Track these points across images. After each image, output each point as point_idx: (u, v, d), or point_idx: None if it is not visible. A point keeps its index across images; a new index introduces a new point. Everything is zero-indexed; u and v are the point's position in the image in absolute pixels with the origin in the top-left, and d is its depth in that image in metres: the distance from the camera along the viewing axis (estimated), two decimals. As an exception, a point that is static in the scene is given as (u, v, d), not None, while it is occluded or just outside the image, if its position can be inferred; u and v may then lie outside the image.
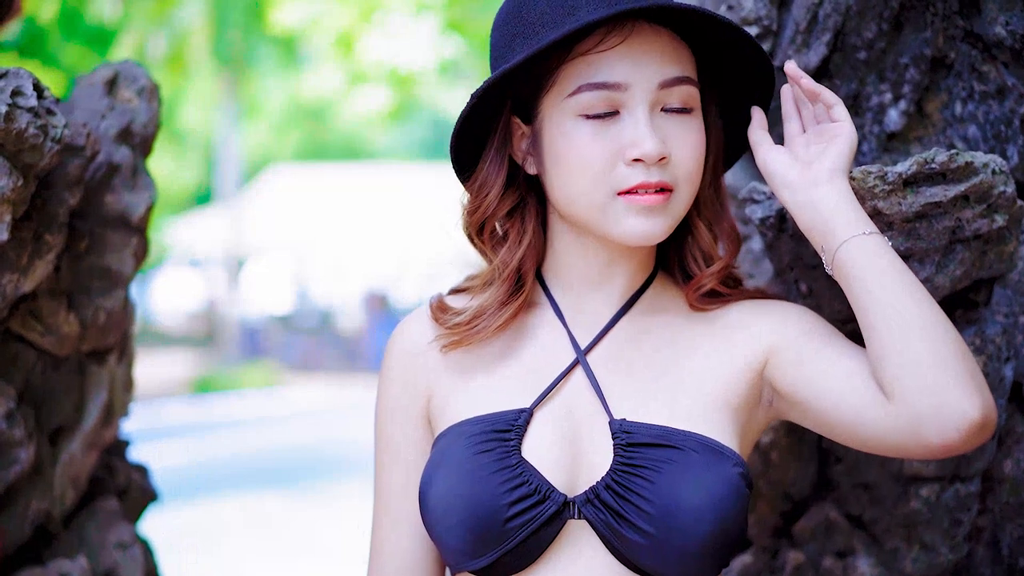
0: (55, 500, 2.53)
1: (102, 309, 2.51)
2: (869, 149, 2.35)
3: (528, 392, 1.94)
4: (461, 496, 1.84)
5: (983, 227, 2.10)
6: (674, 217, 1.91)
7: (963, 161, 2.03)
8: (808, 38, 2.32)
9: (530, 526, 1.82)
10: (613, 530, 1.82)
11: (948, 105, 2.32)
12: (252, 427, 16.00)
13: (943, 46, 2.30)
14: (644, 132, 1.85)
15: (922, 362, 1.74)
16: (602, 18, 1.79)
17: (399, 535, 2.03)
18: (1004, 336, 2.22)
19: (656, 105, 1.88)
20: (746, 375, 1.94)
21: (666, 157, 1.86)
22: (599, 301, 2.01)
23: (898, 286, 1.80)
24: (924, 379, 1.73)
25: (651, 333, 1.99)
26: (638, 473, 1.82)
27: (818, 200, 1.88)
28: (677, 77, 1.87)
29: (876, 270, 1.81)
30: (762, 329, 1.95)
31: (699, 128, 1.92)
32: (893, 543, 2.36)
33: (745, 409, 1.94)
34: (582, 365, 1.95)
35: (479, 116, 1.94)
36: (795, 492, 2.49)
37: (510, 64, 1.84)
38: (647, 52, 1.86)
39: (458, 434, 1.91)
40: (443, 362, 2.01)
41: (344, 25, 17.94)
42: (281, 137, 30.53)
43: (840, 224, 1.86)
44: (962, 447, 1.73)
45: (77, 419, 2.57)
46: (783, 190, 1.92)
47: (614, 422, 1.88)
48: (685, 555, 1.80)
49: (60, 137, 2.19)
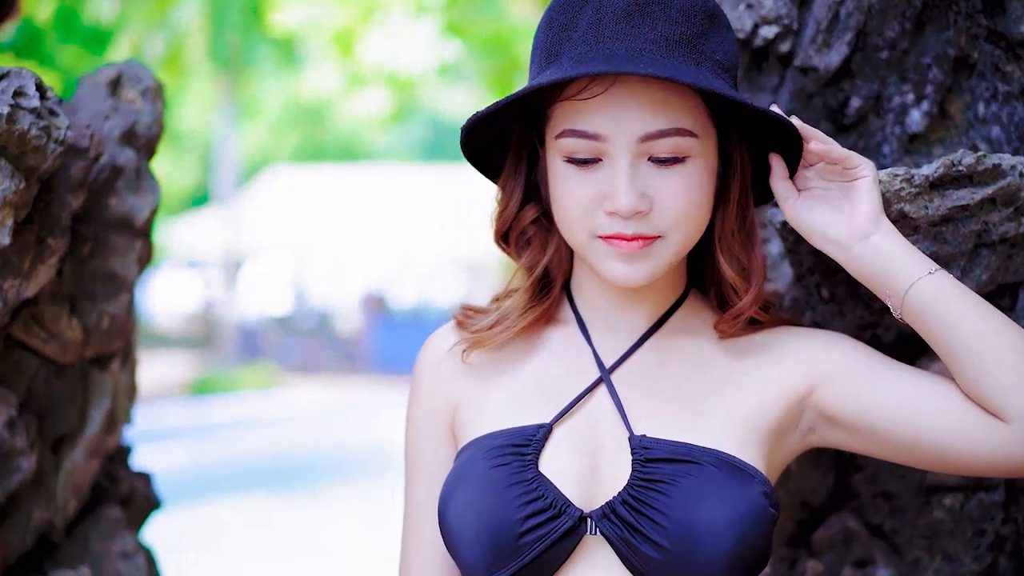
0: (57, 509, 2.48)
1: (106, 314, 2.46)
2: (891, 151, 2.31)
3: (550, 408, 1.91)
4: (477, 510, 1.82)
5: (1010, 231, 2.06)
6: (662, 261, 1.87)
7: (990, 163, 1.99)
8: (829, 37, 2.28)
9: (545, 541, 1.80)
10: (630, 545, 1.79)
11: (971, 106, 2.28)
12: (250, 429, 15.98)
13: (966, 45, 2.26)
14: (618, 186, 1.81)
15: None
16: (557, 80, 1.75)
17: (426, 551, 2.01)
18: (1030, 342, 2.18)
19: (641, 156, 1.82)
20: (782, 400, 1.91)
21: (644, 211, 1.82)
22: (626, 320, 1.98)
23: (981, 312, 1.81)
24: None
25: (680, 354, 1.96)
26: (655, 488, 1.79)
27: (873, 251, 1.86)
28: (661, 130, 1.81)
29: (957, 304, 1.82)
30: (806, 355, 1.93)
31: (694, 174, 1.84)
32: (914, 553, 2.33)
33: (777, 434, 1.91)
34: (605, 383, 1.92)
35: (505, 120, 1.93)
36: (814, 501, 2.45)
37: (496, 105, 1.84)
38: (629, 105, 1.80)
39: (477, 448, 1.90)
40: (468, 377, 2.00)
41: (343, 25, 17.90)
42: (279, 138, 30.55)
43: (902, 270, 1.84)
44: None
45: (80, 427, 2.53)
46: (829, 247, 1.90)
47: (634, 437, 1.85)
48: (702, 573, 1.76)
49: (63, 139, 2.14)
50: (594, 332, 1.98)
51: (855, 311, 2.15)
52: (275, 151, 30.96)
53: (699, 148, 1.84)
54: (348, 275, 29.27)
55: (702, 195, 1.86)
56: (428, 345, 2.07)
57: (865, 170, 1.87)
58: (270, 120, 28.73)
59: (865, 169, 1.88)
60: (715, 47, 1.84)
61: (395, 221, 26.37)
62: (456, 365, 2.02)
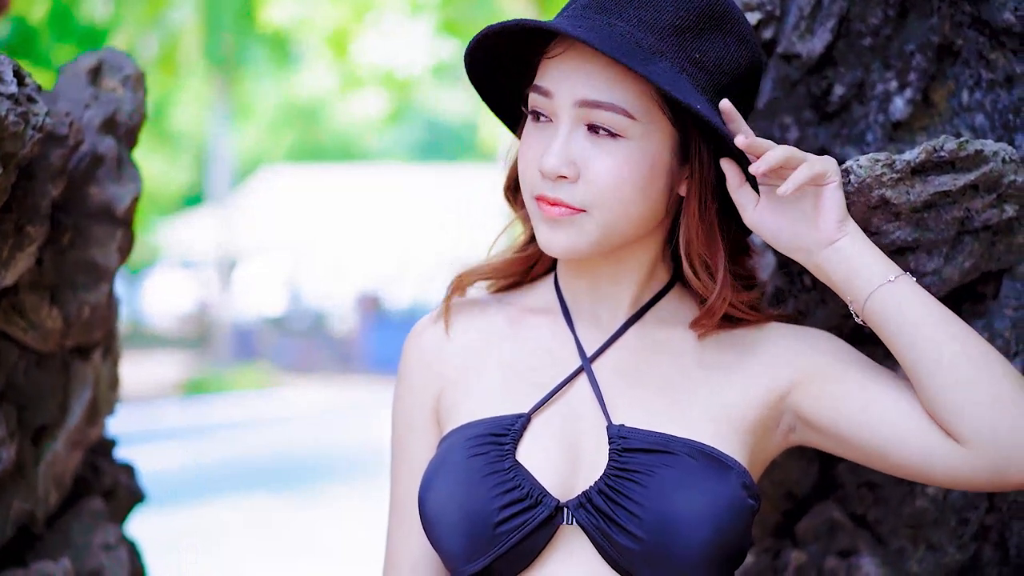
0: (38, 500, 2.47)
1: (86, 304, 2.45)
2: (874, 139, 2.31)
3: (530, 397, 1.91)
4: (454, 500, 1.82)
5: (992, 217, 2.05)
6: (586, 237, 1.85)
7: (973, 149, 1.98)
8: (812, 24, 2.28)
9: (521, 531, 1.80)
10: (606, 535, 1.78)
11: (955, 94, 2.27)
12: (246, 429, 15.98)
13: (950, 33, 2.25)
14: (551, 146, 1.83)
15: (993, 403, 1.73)
16: (507, 25, 1.82)
17: (412, 542, 2.00)
18: (1013, 330, 2.18)
19: (579, 121, 1.83)
20: (764, 397, 1.90)
21: (568, 178, 1.82)
22: (608, 309, 1.97)
23: (942, 325, 1.78)
24: (1001, 421, 1.73)
25: (663, 345, 1.95)
26: (631, 478, 1.79)
27: (835, 258, 1.83)
28: (598, 101, 1.81)
29: (916, 314, 1.79)
30: (791, 354, 1.91)
31: (628, 156, 1.82)
32: (898, 543, 2.32)
33: (758, 430, 1.89)
34: (586, 372, 1.92)
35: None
36: (798, 491, 2.45)
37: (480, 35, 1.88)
38: (579, 69, 1.83)
39: (457, 437, 1.89)
40: (453, 364, 2.00)
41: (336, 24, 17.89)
42: (274, 138, 30.55)
43: (866, 276, 1.81)
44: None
45: (61, 417, 2.51)
46: (795, 254, 1.86)
47: (612, 427, 1.84)
48: (679, 565, 1.76)
49: (41, 125, 2.13)
50: (578, 321, 1.98)
51: (837, 299, 2.13)
52: (270, 151, 30.96)
53: (638, 132, 1.82)
54: (343, 275, 29.29)
55: (633, 178, 1.83)
56: (412, 334, 2.07)
57: (831, 176, 1.82)
58: (265, 120, 28.73)
59: (832, 175, 1.83)
60: (704, 47, 1.83)
61: (390, 221, 26.38)
62: (441, 353, 2.02)
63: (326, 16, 17.86)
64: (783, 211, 1.84)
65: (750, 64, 1.89)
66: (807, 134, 2.37)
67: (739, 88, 1.88)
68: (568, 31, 1.77)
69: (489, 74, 1.97)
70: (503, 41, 1.90)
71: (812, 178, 1.79)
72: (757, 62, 1.91)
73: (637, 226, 1.88)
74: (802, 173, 1.77)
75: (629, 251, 1.93)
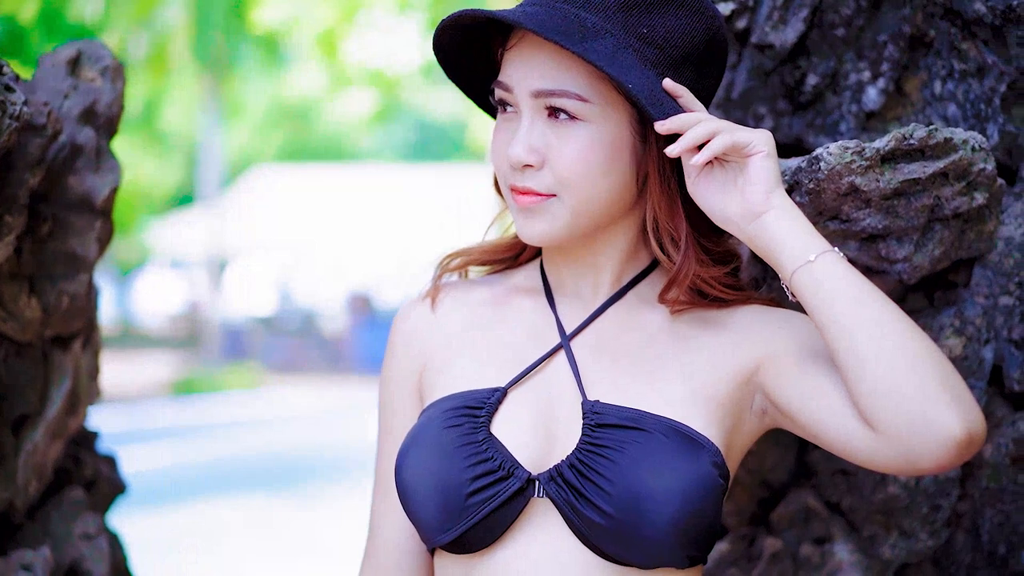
0: (18, 490, 2.48)
1: (65, 294, 2.46)
2: (847, 129, 2.33)
3: (509, 372, 1.94)
4: (428, 470, 1.86)
5: (962, 205, 2.07)
6: (559, 221, 1.88)
7: (942, 137, 2.00)
8: (785, 14, 2.30)
9: (492, 502, 1.82)
10: (574, 509, 1.80)
11: (927, 84, 2.30)
12: (235, 429, 15.97)
13: (922, 24, 2.27)
14: (515, 137, 1.87)
15: (895, 392, 1.69)
16: (453, 17, 1.86)
17: (394, 516, 2.03)
18: (984, 318, 2.20)
19: (539, 110, 1.87)
20: (734, 377, 1.90)
21: (533, 165, 1.86)
22: (590, 288, 1.99)
23: (864, 308, 1.74)
24: (902, 409, 1.69)
25: (641, 324, 1.96)
26: (602, 453, 1.81)
27: (761, 233, 1.81)
28: (550, 90, 1.84)
29: (838, 295, 1.75)
30: (761, 334, 1.91)
31: (589, 139, 1.85)
32: (871, 529, 2.34)
33: (732, 410, 1.90)
34: (564, 349, 1.94)
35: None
36: (773, 479, 2.46)
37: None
38: (530, 60, 1.86)
39: (435, 409, 1.93)
40: (436, 343, 2.04)
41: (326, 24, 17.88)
42: (264, 138, 30.53)
43: (790, 253, 1.79)
44: (955, 463, 1.71)
45: (41, 407, 2.52)
46: (727, 225, 1.85)
47: (586, 402, 1.86)
48: (647, 541, 1.77)
49: (19, 114, 2.14)
50: (560, 301, 2.01)
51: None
52: (260, 151, 30.94)
53: (595, 114, 1.84)
54: (333, 275, 29.29)
55: (596, 161, 1.85)
56: (400, 312, 2.12)
57: (758, 146, 1.81)
58: (254, 120, 28.72)
59: (758, 145, 1.81)
60: (653, 22, 1.84)
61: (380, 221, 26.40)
62: (425, 331, 2.06)
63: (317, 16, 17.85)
64: (717, 183, 1.85)
65: (708, 37, 1.90)
66: (781, 124, 2.39)
67: (698, 61, 1.89)
68: (504, 15, 1.79)
69: (463, 70, 2.00)
70: (463, 38, 1.93)
71: (730, 148, 1.79)
72: (716, 35, 1.91)
73: (607, 205, 1.90)
74: (717, 143, 1.78)
75: (609, 232, 1.95)
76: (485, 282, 2.10)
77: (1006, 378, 2.22)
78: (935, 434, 1.67)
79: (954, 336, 2.20)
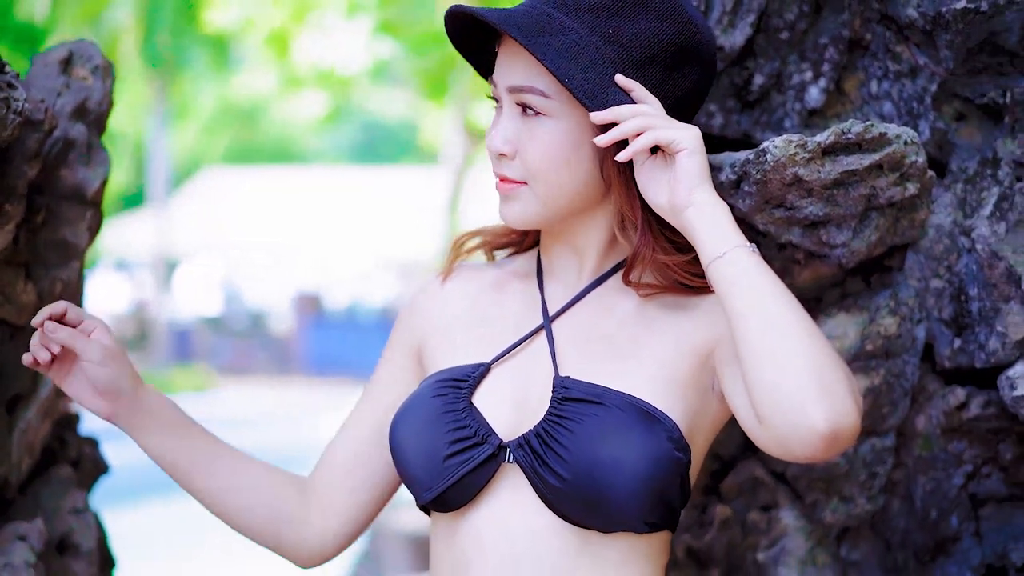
0: (12, 466, 2.59)
1: (58, 280, 2.59)
2: (791, 125, 2.47)
3: (496, 350, 2.11)
4: (415, 433, 2.04)
5: (896, 195, 2.23)
6: (531, 207, 2.05)
7: (877, 132, 2.15)
8: (734, 19, 2.42)
9: (467, 465, 1.99)
10: (537, 474, 1.95)
11: (865, 84, 2.45)
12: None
13: (860, 28, 2.42)
14: (495, 129, 2.05)
15: (772, 386, 1.80)
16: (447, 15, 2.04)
17: (347, 444, 2.24)
18: (916, 299, 2.36)
19: (515, 105, 2.03)
20: (692, 355, 2.02)
21: (507, 155, 2.03)
22: (574, 274, 2.14)
23: (752, 310, 1.84)
24: (774, 401, 1.80)
25: (618, 308, 2.09)
26: (563, 424, 1.95)
27: (686, 225, 1.92)
28: (519, 86, 2.01)
29: (732, 295, 1.87)
30: (717, 318, 2.02)
31: (553, 133, 1.99)
32: (814, 496, 2.48)
33: (695, 389, 2.01)
34: (545, 329, 2.09)
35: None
36: (723, 452, 2.61)
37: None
38: (510, 56, 2.03)
39: (428, 382, 2.10)
40: (439, 320, 2.21)
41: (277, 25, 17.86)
42: (212, 139, 30.37)
43: (705, 248, 1.90)
44: (827, 455, 1.81)
45: (33, 388, 2.64)
46: (664, 215, 1.98)
47: (557, 378, 2.01)
48: (603, 506, 1.91)
49: (21, 110, 2.27)
50: (548, 284, 2.16)
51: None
52: (208, 153, 30.79)
53: (557, 110, 1.99)
54: (281, 276, 29.18)
55: (559, 154, 2.00)
56: (418, 288, 2.31)
57: (682, 144, 1.90)
58: (203, 121, 28.59)
59: (682, 143, 1.90)
60: (620, 24, 1.96)
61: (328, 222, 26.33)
62: (431, 307, 2.23)
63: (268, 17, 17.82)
64: (657, 174, 1.97)
65: (681, 41, 1.99)
66: (731, 121, 2.52)
67: (667, 63, 1.99)
68: (473, 11, 1.98)
69: (483, 67, 2.17)
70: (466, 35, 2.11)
71: (655, 144, 1.91)
72: (691, 40, 2.01)
73: (574, 195, 2.04)
74: (641, 140, 1.91)
75: (589, 220, 2.09)
76: (494, 266, 2.27)
77: (937, 355, 2.37)
78: (801, 428, 1.78)
79: (889, 316, 2.35)
